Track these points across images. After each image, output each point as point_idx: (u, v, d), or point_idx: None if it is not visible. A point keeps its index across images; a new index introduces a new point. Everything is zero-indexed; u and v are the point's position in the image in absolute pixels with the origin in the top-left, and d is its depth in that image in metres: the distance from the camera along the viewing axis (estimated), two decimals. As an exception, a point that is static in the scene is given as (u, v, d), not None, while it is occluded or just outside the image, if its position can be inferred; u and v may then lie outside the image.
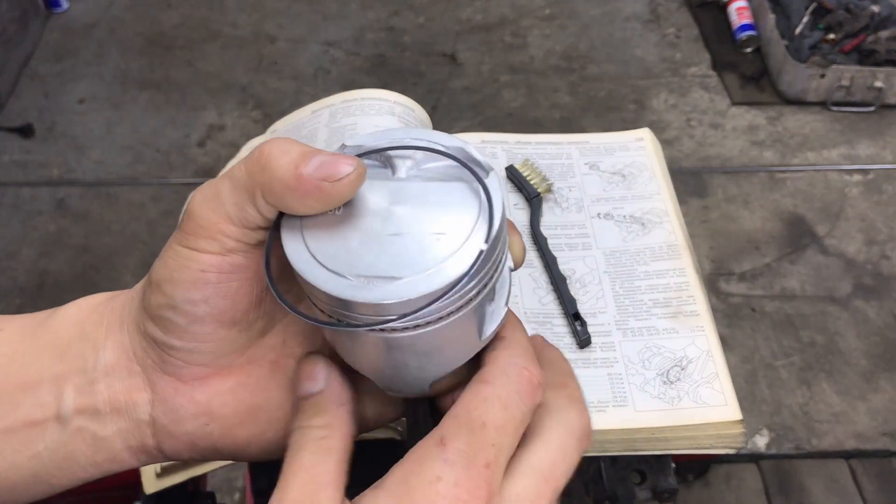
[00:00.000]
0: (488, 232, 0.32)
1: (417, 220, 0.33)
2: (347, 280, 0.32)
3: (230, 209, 0.34)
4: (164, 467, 0.73)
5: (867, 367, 1.73)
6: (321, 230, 0.34)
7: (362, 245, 0.33)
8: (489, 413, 0.32)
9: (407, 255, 0.32)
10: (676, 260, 0.83)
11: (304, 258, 0.33)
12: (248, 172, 0.34)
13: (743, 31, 2.45)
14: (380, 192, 0.34)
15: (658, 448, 0.72)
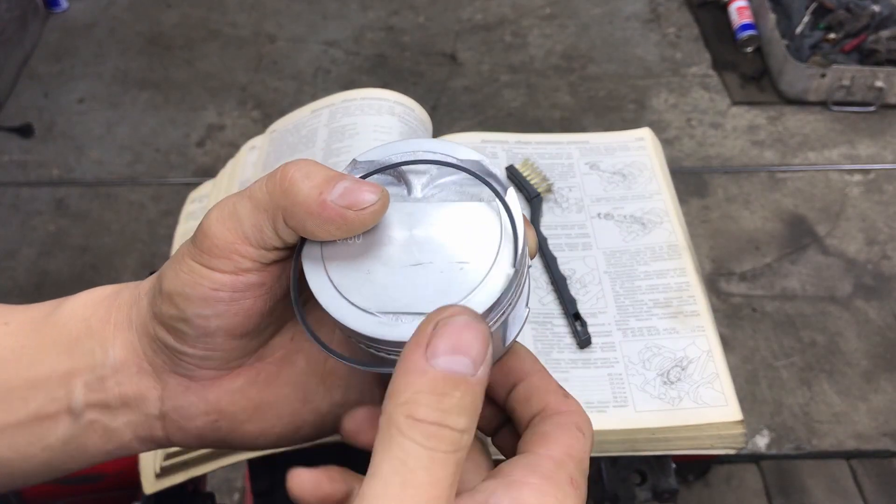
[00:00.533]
0: (514, 254, 0.32)
1: (439, 248, 0.32)
2: (375, 317, 0.32)
3: (248, 230, 0.33)
4: (163, 468, 0.73)
5: (868, 367, 1.73)
6: (343, 260, 0.33)
7: (386, 277, 0.32)
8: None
9: (432, 287, 0.31)
10: (677, 260, 0.83)
11: (330, 294, 0.33)
12: (269, 194, 0.33)
13: (743, 30, 2.45)
14: (398, 216, 0.34)
15: (658, 448, 0.72)
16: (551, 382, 0.36)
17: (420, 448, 0.26)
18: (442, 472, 0.26)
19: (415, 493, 0.26)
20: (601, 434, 0.71)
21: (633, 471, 0.76)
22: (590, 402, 0.72)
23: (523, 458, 0.32)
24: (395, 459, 0.26)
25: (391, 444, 0.27)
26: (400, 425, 0.27)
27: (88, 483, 0.90)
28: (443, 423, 0.27)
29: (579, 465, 0.32)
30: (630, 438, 0.71)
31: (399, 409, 0.27)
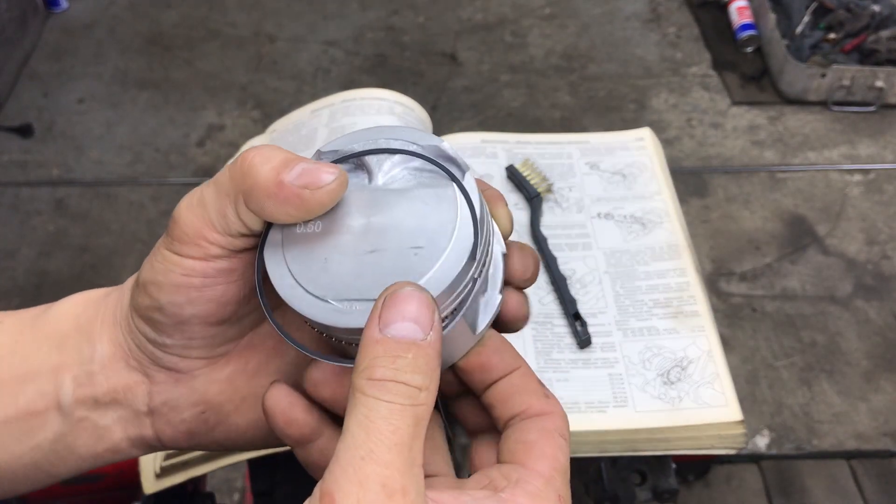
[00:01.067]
0: (473, 237, 0.32)
1: (395, 235, 0.33)
2: (329, 304, 0.32)
3: (213, 216, 0.34)
4: (163, 468, 0.73)
5: (868, 367, 1.72)
6: (302, 249, 0.34)
7: (341, 265, 0.33)
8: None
9: (385, 274, 0.32)
10: (677, 260, 0.83)
11: (287, 282, 0.33)
12: (230, 178, 0.34)
13: (743, 30, 2.45)
14: (357, 205, 0.34)
15: (658, 448, 0.72)
16: (532, 381, 0.36)
17: (379, 402, 0.29)
18: (401, 422, 0.29)
19: (377, 438, 0.28)
20: (601, 434, 0.71)
21: (633, 471, 0.75)
22: (590, 402, 0.72)
23: (513, 472, 0.33)
24: (359, 415, 0.29)
25: (356, 406, 0.29)
26: (362, 387, 0.29)
27: (88, 483, 0.90)
28: (397, 378, 0.29)
29: (564, 478, 0.34)
30: (630, 438, 0.71)
31: (360, 375, 0.30)
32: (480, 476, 0.34)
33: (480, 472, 0.35)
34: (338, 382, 0.35)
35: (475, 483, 0.34)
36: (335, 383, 0.35)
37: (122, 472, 0.89)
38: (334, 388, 0.35)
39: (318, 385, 0.35)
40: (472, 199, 0.33)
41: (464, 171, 0.34)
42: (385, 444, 0.28)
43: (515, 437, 0.35)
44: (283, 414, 0.35)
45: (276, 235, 0.34)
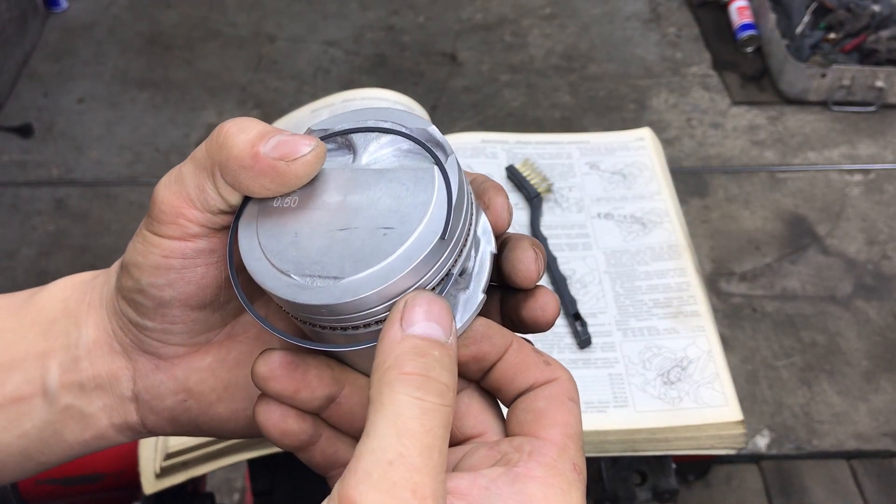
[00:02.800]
0: (445, 223, 0.31)
1: (368, 214, 0.32)
2: (290, 279, 0.32)
3: (192, 192, 0.34)
4: (163, 468, 0.73)
5: (868, 367, 1.72)
6: (275, 223, 0.33)
7: (310, 241, 0.32)
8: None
9: (352, 252, 0.31)
10: (677, 260, 0.83)
11: (255, 255, 0.33)
12: (207, 151, 0.33)
13: (743, 30, 2.45)
14: (335, 182, 0.34)
15: (659, 448, 0.72)
16: (528, 353, 0.36)
17: (411, 400, 0.28)
18: (432, 422, 0.28)
19: (409, 441, 0.27)
20: (601, 434, 0.71)
21: (633, 471, 0.75)
22: (590, 402, 0.72)
23: (525, 444, 0.32)
24: (389, 414, 0.28)
25: (383, 403, 0.28)
26: (390, 381, 0.28)
27: (88, 483, 0.90)
28: (429, 374, 0.29)
29: (578, 444, 0.33)
30: (630, 438, 0.71)
31: (387, 371, 0.29)
32: (491, 451, 0.33)
33: (490, 447, 0.34)
34: (287, 376, 0.34)
35: (487, 459, 0.33)
36: (285, 377, 0.34)
37: (123, 472, 0.89)
38: (284, 382, 0.34)
39: (267, 380, 0.34)
40: (450, 183, 0.32)
41: (447, 155, 0.33)
42: (417, 448, 0.27)
43: (524, 407, 0.35)
44: (276, 427, 0.35)
45: (253, 209, 0.34)
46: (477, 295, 0.34)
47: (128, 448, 0.89)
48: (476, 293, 0.34)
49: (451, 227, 0.31)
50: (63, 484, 0.89)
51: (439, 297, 0.31)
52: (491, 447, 0.34)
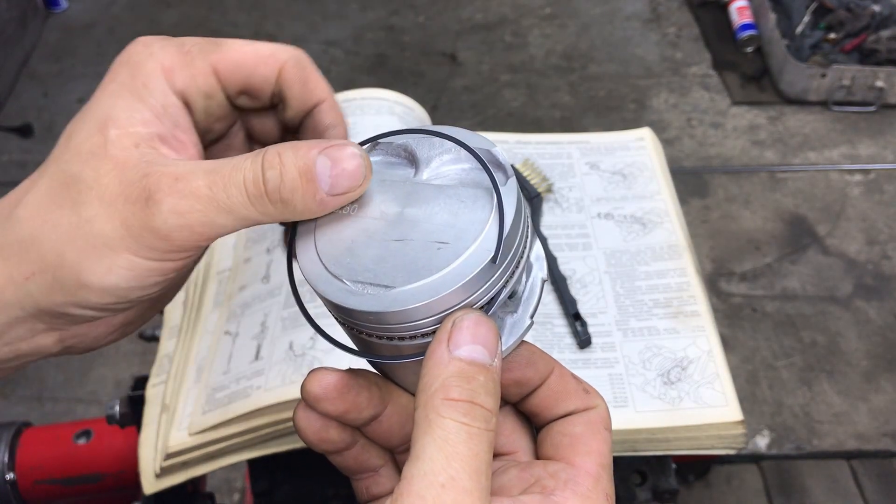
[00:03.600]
0: (497, 244, 0.31)
1: (424, 227, 0.32)
2: (342, 284, 0.32)
3: (215, 233, 0.33)
4: (163, 468, 0.73)
5: (868, 367, 1.72)
6: (333, 230, 0.34)
7: (366, 249, 0.33)
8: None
9: (405, 263, 0.31)
10: (677, 260, 0.83)
11: (310, 258, 0.33)
12: (252, 201, 0.33)
13: (744, 30, 2.44)
14: (395, 194, 0.34)
15: (659, 449, 0.72)
16: (569, 380, 0.37)
17: (458, 425, 0.29)
18: (479, 447, 0.29)
19: (459, 465, 0.28)
20: (601, 434, 0.71)
21: (633, 471, 0.75)
22: (590, 403, 0.72)
23: (562, 471, 0.34)
24: (437, 439, 0.29)
25: (431, 427, 0.29)
26: (437, 407, 0.29)
27: (88, 483, 0.90)
28: (474, 400, 0.30)
29: (610, 474, 0.34)
30: (630, 438, 0.71)
31: (434, 395, 0.30)
32: (523, 472, 0.34)
33: (522, 468, 0.35)
34: (340, 398, 0.35)
35: (520, 481, 0.34)
36: (337, 399, 0.35)
37: (122, 472, 0.89)
38: (336, 403, 0.35)
39: (319, 401, 0.35)
40: (503, 205, 0.32)
41: (507, 178, 0.33)
42: (466, 471, 0.28)
43: (560, 430, 0.35)
44: (315, 434, 0.36)
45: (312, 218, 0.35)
46: (524, 320, 0.34)
47: (128, 448, 0.89)
48: (524, 318, 0.35)
49: (503, 248, 0.31)
50: (63, 484, 0.89)
51: (487, 318, 0.31)
52: (523, 469, 0.35)
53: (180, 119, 0.37)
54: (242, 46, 0.38)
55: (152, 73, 0.37)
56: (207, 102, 0.38)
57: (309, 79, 0.39)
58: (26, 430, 0.92)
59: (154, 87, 0.36)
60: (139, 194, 0.32)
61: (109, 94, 0.36)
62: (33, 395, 1.73)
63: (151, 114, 0.36)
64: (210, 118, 0.39)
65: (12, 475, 0.88)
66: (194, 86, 0.37)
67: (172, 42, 0.38)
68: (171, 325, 0.85)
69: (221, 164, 0.33)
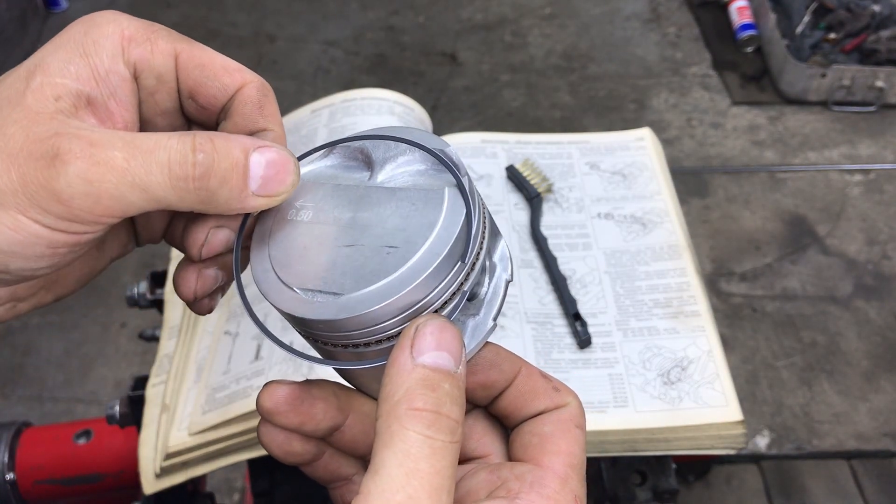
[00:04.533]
0: (465, 247, 0.31)
1: (375, 232, 0.32)
2: (294, 293, 0.32)
3: (132, 210, 0.31)
4: (163, 468, 0.73)
5: (868, 367, 1.72)
6: (287, 236, 0.34)
7: (317, 256, 0.32)
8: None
9: (354, 269, 0.31)
10: (677, 260, 0.83)
11: (263, 266, 0.33)
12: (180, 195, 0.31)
13: (744, 30, 2.44)
14: (348, 198, 0.34)
15: (659, 449, 0.72)
16: (537, 380, 0.36)
17: (421, 438, 0.28)
18: (442, 463, 0.28)
19: (419, 483, 0.27)
20: (601, 434, 0.71)
21: (633, 471, 0.75)
22: (590, 403, 0.72)
23: (528, 473, 0.32)
24: (398, 452, 0.27)
25: (393, 439, 0.28)
26: (400, 417, 0.28)
27: (88, 483, 0.90)
28: (439, 410, 0.28)
29: (580, 474, 0.33)
30: (630, 439, 0.71)
31: (397, 405, 0.28)
32: (491, 475, 0.33)
33: (490, 471, 0.34)
34: (293, 411, 0.34)
35: (486, 483, 0.33)
36: (290, 412, 0.34)
37: (122, 472, 0.89)
38: (290, 416, 0.34)
39: (272, 415, 0.34)
40: (454, 206, 0.32)
41: (461, 177, 0.33)
42: (426, 490, 0.27)
43: (529, 430, 0.35)
44: (280, 448, 0.35)
45: (268, 219, 0.35)
46: (487, 322, 0.34)
47: (128, 448, 0.89)
48: (486, 320, 0.34)
49: (449, 252, 0.30)
50: (63, 484, 0.89)
51: (450, 324, 0.30)
52: (491, 471, 0.34)
53: (120, 90, 0.34)
54: (213, 53, 0.36)
55: (108, 35, 0.34)
56: (158, 86, 0.35)
57: (266, 106, 0.37)
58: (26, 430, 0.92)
59: (104, 47, 0.33)
60: (45, 150, 0.29)
61: (54, 45, 0.34)
62: (33, 395, 1.73)
63: (89, 72, 0.33)
64: (155, 108, 0.36)
65: (12, 475, 0.88)
66: (149, 62, 0.35)
67: (142, 20, 0.36)
68: (171, 325, 0.85)
69: (143, 138, 0.30)
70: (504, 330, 0.77)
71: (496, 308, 0.34)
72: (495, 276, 0.35)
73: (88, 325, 1.84)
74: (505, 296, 0.35)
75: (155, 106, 0.36)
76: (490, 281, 0.34)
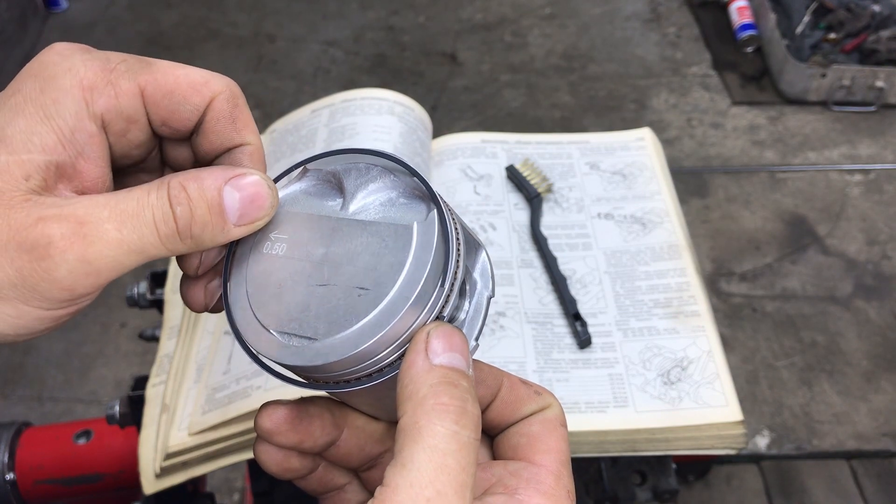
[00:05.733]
0: (420, 289, 0.31)
1: (347, 271, 0.32)
2: (270, 335, 0.32)
3: (120, 270, 0.31)
4: (163, 468, 0.73)
5: (868, 367, 1.72)
6: (263, 272, 0.34)
7: (292, 295, 0.33)
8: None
9: (327, 312, 0.32)
10: (677, 260, 0.83)
11: (240, 305, 0.34)
12: (169, 249, 0.32)
13: (744, 30, 2.44)
14: (321, 231, 0.34)
15: (659, 449, 0.72)
16: (519, 389, 0.37)
17: (450, 433, 0.28)
18: (468, 459, 0.28)
19: (447, 479, 0.27)
20: (601, 434, 0.71)
21: (633, 471, 0.75)
22: (590, 402, 0.72)
23: (523, 470, 0.34)
24: (427, 448, 0.28)
25: (421, 434, 0.28)
26: (428, 412, 0.29)
27: (88, 483, 0.90)
28: (465, 406, 0.29)
29: (569, 469, 0.34)
30: (630, 439, 0.71)
31: (423, 400, 0.29)
32: (485, 474, 0.34)
33: (483, 468, 0.34)
34: (292, 430, 0.35)
35: (483, 482, 0.34)
36: (290, 431, 0.35)
37: (122, 472, 0.89)
38: (289, 436, 0.35)
39: (272, 435, 0.35)
40: (422, 247, 0.31)
41: (429, 211, 0.33)
42: (453, 486, 0.28)
43: (516, 431, 0.36)
44: (278, 465, 0.36)
45: (245, 253, 0.35)
46: (469, 343, 0.34)
47: (128, 448, 0.89)
48: (468, 340, 0.34)
49: (422, 292, 0.31)
50: (63, 484, 0.89)
51: (457, 329, 0.31)
52: (484, 469, 0.34)
53: (88, 147, 0.32)
54: (174, 70, 0.35)
55: (68, 90, 0.32)
56: (128, 127, 0.34)
57: (238, 118, 0.36)
58: (26, 430, 0.92)
59: (66, 106, 0.32)
60: (34, 241, 0.29)
61: (10, 109, 0.32)
62: (33, 395, 1.73)
63: (55, 138, 0.31)
64: (129, 145, 0.35)
65: (12, 475, 0.88)
66: (116, 108, 0.33)
67: (96, 56, 0.34)
68: (171, 325, 0.85)
69: (123, 200, 0.30)
70: (504, 330, 0.77)
71: (478, 328, 0.34)
72: (476, 294, 0.35)
73: (88, 325, 1.84)
74: (486, 313, 0.35)
75: (128, 143, 0.35)
76: (471, 300, 0.35)
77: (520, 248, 0.85)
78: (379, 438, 0.38)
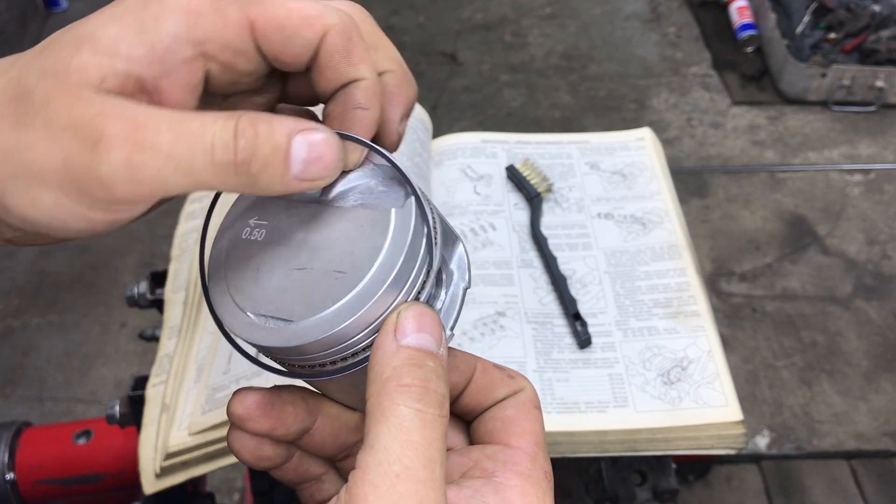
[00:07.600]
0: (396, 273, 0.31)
1: (325, 255, 0.32)
2: (247, 317, 0.32)
3: (167, 190, 0.30)
4: (163, 468, 0.73)
5: (868, 367, 1.72)
6: (242, 256, 0.34)
7: (269, 279, 0.33)
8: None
9: (304, 295, 0.32)
10: (677, 260, 0.83)
11: (219, 287, 0.34)
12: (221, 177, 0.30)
13: (744, 30, 2.45)
14: (300, 217, 0.34)
15: (659, 449, 0.72)
16: (493, 373, 0.37)
17: (412, 412, 0.29)
18: (433, 435, 0.29)
19: (413, 453, 0.28)
20: (601, 434, 0.71)
21: (633, 471, 0.75)
22: (590, 402, 0.72)
23: (500, 453, 0.34)
24: (392, 427, 0.29)
25: (385, 415, 0.29)
26: (391, 393, 0.29)
27: (88, 483, 0.90)
28: (427, 385, 0.30)
29: (545, 451, 0.35)
30: (630, 439, 0.71)
31: (386, 383, 0.30)
32: (462, 458, 0.35)
33: (460, 453, 0.35)
34: (264, 416, 0.35)
35: (458, 465, 0.34)
36: (262, 417, 0.35)
37: (122, 472, 0.89)
38: (261, 422, 0.35)
39: (244, 421, 0.35)
40: (399, 229, 0.32)
41: (406, 197, 0.33)
42: (421, 461, 0.28)
43: (492, 416, 0.36)
44: (251, 454, 0.36)
45: (223, 240, 0.35)
46: (445, 332, 0.34)
47: (128, 448, 0.89)
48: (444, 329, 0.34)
49: (396, 275, 0.31)
50: (63, 484, 0.89)
51: (430, 309, 0.31)
52: (461, 454, 0.35)
53: (176, 71, 0.31)
54: (286, 3, 0.33)
55: (172, 10, 0.31)
56: (235, 59, 0.33)
57: (353, 52, 0.34)
58: (26, 430, 0.92)
59: (165, 25, 0.31)
60: (89, 132, 0.28)
61: (110, 15, 0.31)
62: (33, 395, 1.73)
63: (143, 51, 0.30)
64: (238, 74, 0.33)
65: (12, 475, 0.88)
66: (221, 38, 0.32)
67: None
68: (171, 325, 0.85)
69: (188, 119, 0.29)
70: (504, 330, 0.77)
71: (453, 318, 0.35)
72: (452, 285, 0.35)
73: (88, 325, 1.84)
74: (462, 304, 0.35)
75: (237, 73, 0.33)
76: (447, 290, 0.35)
77: (520, 248, 0.85)
78: (354, 427, 0.38)
